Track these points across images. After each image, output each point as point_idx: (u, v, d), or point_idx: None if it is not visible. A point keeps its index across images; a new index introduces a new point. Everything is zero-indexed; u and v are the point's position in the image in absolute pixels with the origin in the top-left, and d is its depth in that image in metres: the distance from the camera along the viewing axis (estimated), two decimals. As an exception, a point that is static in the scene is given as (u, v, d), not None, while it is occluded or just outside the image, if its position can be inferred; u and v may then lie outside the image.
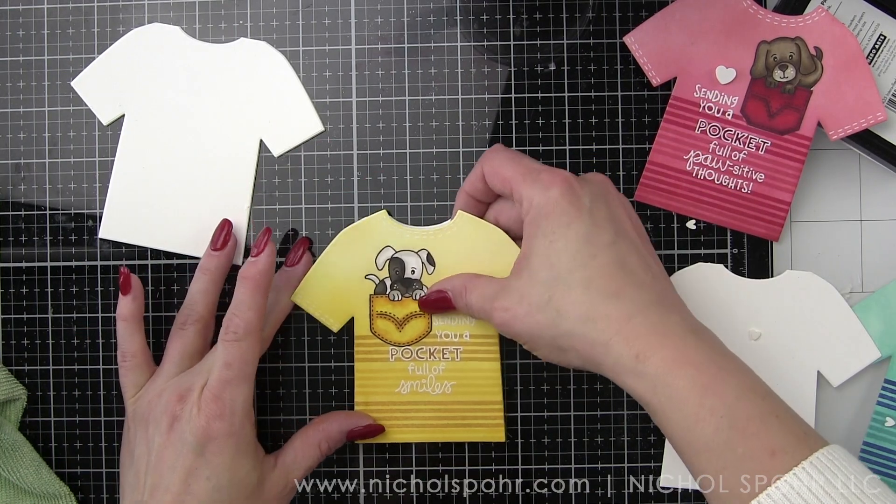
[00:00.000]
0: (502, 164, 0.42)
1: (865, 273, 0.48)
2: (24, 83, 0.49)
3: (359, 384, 0.46)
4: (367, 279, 0.46)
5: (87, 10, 0.49)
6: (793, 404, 0.47)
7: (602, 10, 0.48)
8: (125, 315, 0.45)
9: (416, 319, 0.46)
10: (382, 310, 0.46)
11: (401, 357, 0.46)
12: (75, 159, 0.48)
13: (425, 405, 0.46)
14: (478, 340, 0.46)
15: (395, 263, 0.46)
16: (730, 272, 0.47)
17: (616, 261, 0.39)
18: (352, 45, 0.48)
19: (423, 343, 0.46)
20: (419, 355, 0.46)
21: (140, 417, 0.43)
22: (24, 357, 0.48)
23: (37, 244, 0.48)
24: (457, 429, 0.46)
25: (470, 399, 0.46)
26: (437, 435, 0.46)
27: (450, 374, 0.46)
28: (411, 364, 0.46)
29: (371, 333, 0.46)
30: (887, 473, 0.46)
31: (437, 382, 0.46)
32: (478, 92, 0.48)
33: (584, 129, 0.48)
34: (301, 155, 0.48)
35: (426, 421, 0.46)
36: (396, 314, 0.46)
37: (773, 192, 0.47)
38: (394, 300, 0.46)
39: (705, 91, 0.47)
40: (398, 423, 0.46)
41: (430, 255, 0.45)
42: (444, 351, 0.46)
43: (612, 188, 0.42)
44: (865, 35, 0.47)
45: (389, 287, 0.46)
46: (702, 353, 0.38)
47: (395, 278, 0.46)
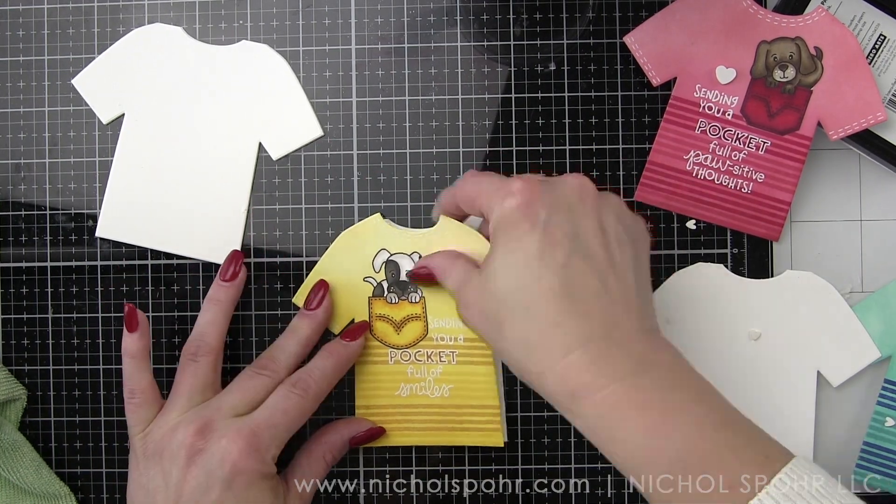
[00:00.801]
0: (471, 187, 0.41)
1: (865, 273, 0.48)
2: (24, 83, 0.49)
3: (359, 387, 0.46)
4: (366, 282, 0.46)
5: (87, 10, 0.49)
6: (793, 404, 0.47)
7: (602, 10, 0.48)
8: (132, 352, 0.44)
9: (414, 322, 0.46)
10: (381, 312, 0.46)
11: (400, 360, 0.46)
12: (75, 159, 0.48)
13: (424, 408, 0.46)
14: (471, 344, 0.46)
15: (390, 266, 0.46)
16: (730, 272, 0.47)
17: (563, 285, 0.36)
18: (352, 45, 0.48)
19: (420, 346, 0.46)
20: (417, 358, 0.46)
21: (153, 452, 0.42)
22: (24, 357, 0.48)
23: (37, 244, 0.48)
24: (455, 432, 0.46)
25: (467, 403, 0.46)
26: (437, 438, 0.46)
27: (447, 377, 0.46)
28: (410, 367, 0.46)
29: (371, 335, 0.46)
30: (887, 473, 0.46)
31: (435, 385, 0.46)
32: (478, 92, 0.48)
33: (584, 129, 0.48)
34: (301, 155, 0.48)
35: (425, 424, 0.46)
36: (394, 317, 0.46)
37: (773, 192, 0.47)
38: (391, 302, 0.46)
39: (705, 91, 0.47)
40: (398, 427, 0.46)
41: (421, 257, 0.46)
42: (440, 354, 0.46)
43: (587, 193, 0.39)
44: (865, 35, 0.47)
45: (387, 290, 0.46)
46: (646, 392, 0.35)
47: (391, 280, 0.46)
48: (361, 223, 0.46)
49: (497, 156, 0.47)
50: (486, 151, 0.48)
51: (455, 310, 0.43)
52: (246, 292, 0.47)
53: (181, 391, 0.43)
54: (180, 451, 0.40)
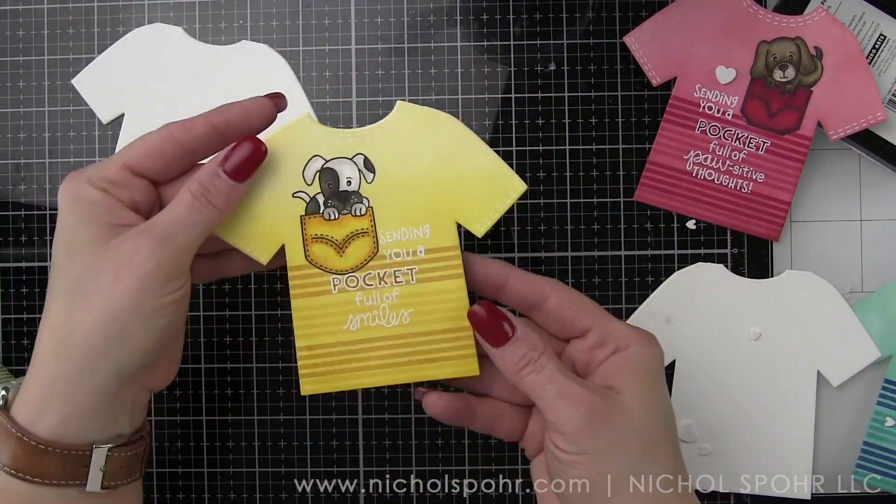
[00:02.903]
0: (566, 297, 0.38)
1: (865, 273, 0.48)
2: (24, 83, 0.49)
3: (298, 324, 0.39)
4: (296, 197, 0.38)
5: (87, 10, 0.49)
6: (793, 404, 0.47)
7: (602, 10, 0.48)
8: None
9: (360, 239, 0.39)
10: (317, 232, 0.38)
11: (345, 287, 0.39)
12: (75, 159, 0.48)
13: (380, 341, 0.39)
14: (436, 255, 0.39)
15: (326, 175, 0.38)
16: (730, 272, 0.47)
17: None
18: (352, 45, 0.48)
19: (369, 267, 0.39)
20: (367, 282, 0.39)
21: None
22: (24, 357, 0.48)
23: (37, 244, 0.48)
24: (420, 366, 0.39)
25: (433, 328, 0.39)
26: (399, 375, 0.39)
27: (406, 300, 0.39)
28: (359, 294, 0.39)
29: (307, 262, 0.39)
30: (887, 473, 0.46)
31: (391, 313, 0.39)
32: (478, 92, 0.48)
33: (584, 129, 0.48)
34: (301, 155, 0.48)
35: (384, 360, 0.39)
36: (335, 236, 0.39)
37: (773, 191, 0.47)
38: (330, 219, 0.39)
39: (705, 91, 0.47)
40: (351, 367, 0.39)
41: (368, 159, 0.39)
42: (396, 273, 0.39)
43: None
44: (865, 35, 0.47)
45: (323, 204, 0.39)
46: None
47: (328, 193, 0.38)
48: (286, 125, 0.38)
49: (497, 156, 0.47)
50: (486, 151, 0.48)
51: (406, 214, 0.38)
52: (245, 292, 0.47)
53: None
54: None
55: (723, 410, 0.47)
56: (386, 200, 0.39)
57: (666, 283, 0.47)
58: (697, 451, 0.47)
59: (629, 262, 0.48)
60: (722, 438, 0.47)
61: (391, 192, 0.39)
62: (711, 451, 0.47)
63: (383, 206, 0.39)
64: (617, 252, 0.48)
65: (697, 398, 0.47)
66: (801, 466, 0.47)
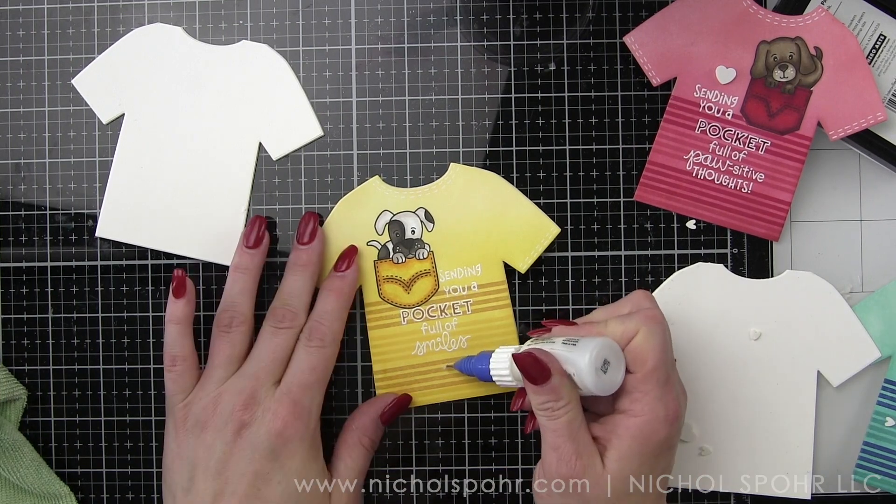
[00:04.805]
0: (660, 350, 0.40)
1: (865, 273, 0.48)
2: (24, 83, 0.49)
3: (375, 352, 0.47)
4: (370, 245, 0.46)
5: (87, 10, 0.49)
6: (793, 404, 0.47)
7: (602, 10, 0.48)
8: (178, 318, 0.45)
9: (423, 279, 0.46)
10: (388, 274, 0.46)
11: (412, 318, 0.46)
12: (75, 159, 0.48)
13: (443, 363, 0.46)
14: (487, 290, 0.46)
15: (394, 226, 0.46)
16: (730, 272, 0.47)
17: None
18: (352, 45, 0.48)
19: (432, 301, 0.46)
20: (430, 314, 0.46)
21: (193, 424, 0.42)
22: (24, 357, 0.48)
23: (37, 244, 0.48)
24: (477, 383, 0.46)
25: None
26: (459, 392, 0.46)
27: (463, 328, 0.46)
28: (424, 324, 0.46)
29: (380, 299, 0.46)
30: (887, 473, 0.46)
31: (451, 339, 0.46)
32: (478, 92, 0.48)
33: (584, 129, 0.48)
34: (301, 155, 0.48)
35: (446, 380, 0.46)
36: (402, 276, 0.46)
37: (773, 191, 0.47)
38: (398, 262, 0.46)
39: (705, 91, 0.47)
40: (419, 387, 0.46)
41: (428, 212, 0.46)
42: (454, 306, 0.46)
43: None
44: (865, 35, 0.47)
45: (392, 250, 0.46)
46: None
47: (396, 241, 0.46)
48: (360, 187, 0.47)
49: (497, 156, 0.47)
50: (486, 151, 0.48)
51: (461, 256, 0.45)
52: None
53: (217, 362, 0.44)
54: (227, 425, 0.41)
55: (723, 410, 0.47)
56: (444, 245, 0.46)
57: (666, 283, 0.47)
58: (697, 451, 0.47)
59: (629, 262, 0.48)
60: (722, 438, 0.47)
61: (448, 238, 0.46)
62: (711, 451, 0.47)
63: (442, 250, 0.46)
64: (617, 252, 0.48)
65: (697, 398, 0.47)
66: (801, 466, 0.47)
